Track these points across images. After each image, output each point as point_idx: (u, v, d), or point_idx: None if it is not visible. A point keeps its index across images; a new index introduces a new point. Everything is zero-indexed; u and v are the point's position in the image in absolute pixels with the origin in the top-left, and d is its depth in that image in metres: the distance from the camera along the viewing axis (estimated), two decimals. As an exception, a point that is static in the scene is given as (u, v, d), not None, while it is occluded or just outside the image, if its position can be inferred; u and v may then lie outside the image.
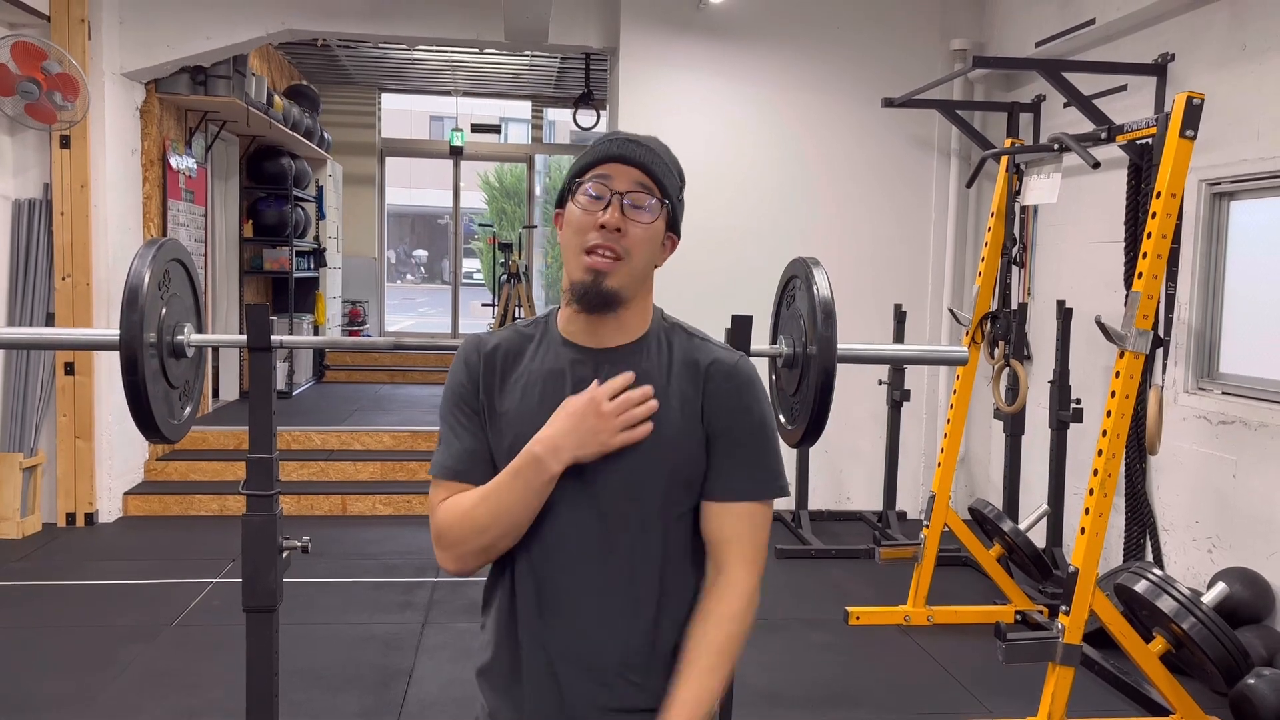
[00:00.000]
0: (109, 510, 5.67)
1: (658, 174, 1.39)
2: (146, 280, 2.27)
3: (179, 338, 2.44)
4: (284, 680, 2.65)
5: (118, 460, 5.70)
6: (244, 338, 2.42)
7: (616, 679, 1.39)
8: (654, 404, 1.36)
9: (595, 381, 1.37)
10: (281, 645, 2.57)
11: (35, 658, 3.79)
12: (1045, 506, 4.49)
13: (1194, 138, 3.05)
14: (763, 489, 1.42)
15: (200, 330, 2.56)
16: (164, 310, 2.37)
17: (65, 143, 5.36)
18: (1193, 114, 3.04)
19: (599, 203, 1.37)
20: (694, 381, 1.41)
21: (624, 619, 1.39)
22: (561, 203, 1.43)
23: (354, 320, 10.76)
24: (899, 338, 5.54)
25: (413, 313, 20.63)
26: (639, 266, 1.39)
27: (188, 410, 2.59)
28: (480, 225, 20.16)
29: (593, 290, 1.36)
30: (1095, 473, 3.13)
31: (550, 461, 1.33)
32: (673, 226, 1.44)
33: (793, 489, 5.83)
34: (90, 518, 5.57)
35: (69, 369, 5.47)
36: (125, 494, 5.81)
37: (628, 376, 1.37)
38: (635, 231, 1.37)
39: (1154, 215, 3.08)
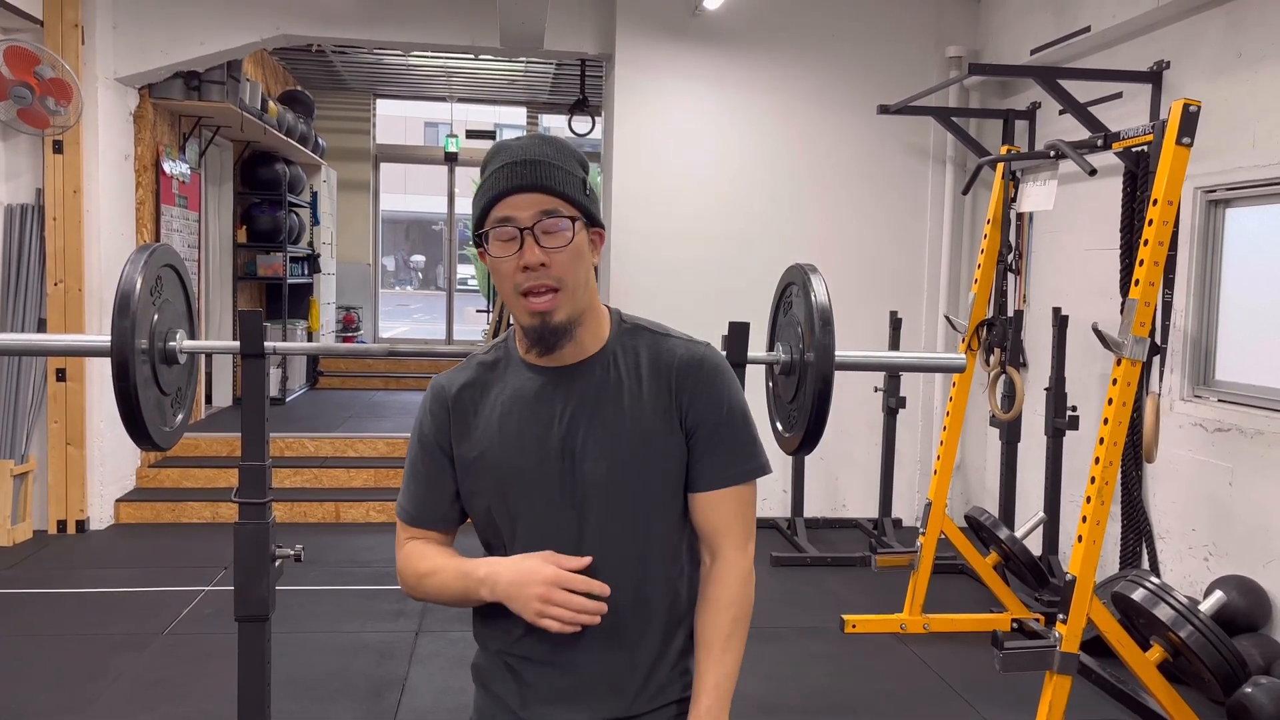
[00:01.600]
0: (100, 517, 5.63)
1: (558, 188, 1.35)
2: (138, 286, 2.25)
3: (171, 344, 2.42)
4: (276, 689, 2.63)
5: (109, 467, 5.67)
6: (237, 344, 2.40)
7: (605, 688, 1.43)
8: (595, 619, 1.35)
9: (584, 561, 1.37)
10: (274, 654, 2.55)
11: (25, 667, 3.75)
12: (1041, 514, 4.48)
13: (1190, 145, 3.05)
14: (745, 472, 1.45)
15: (193, 336, 2.54)
16: (156, 316, 2.35)
17: (58, 148, 5.33)
18: (1189, 121, 3.04)
19: (511, 244, 1.35)
20: (664, 380, 1.43)
21: (611, 626, 1.40)
22: (477, 241, 1.40)
23: (348, 326, 10.73)
24: (895, 345, 5.54)
25: (407, 319, 20.59)
26: (577, 286, 1.37)
27: (180, 417, 2.57)
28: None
29: (545, 331, 1.37)
30: (1093, 480, 3.12)
31: (483, 592, 1.39)
32: (593, 222, 1.40)
33: (788, 496, 5.82)
34: (82, 525, 5.53)
35: (60, 375, 5.43)
36: (117, 501, 5.77)
37: (602, 588, 1.36)
38: (559, 258, 1.35)
39: (1151, 222, 3.08)
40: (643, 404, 1.41)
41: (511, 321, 1.46)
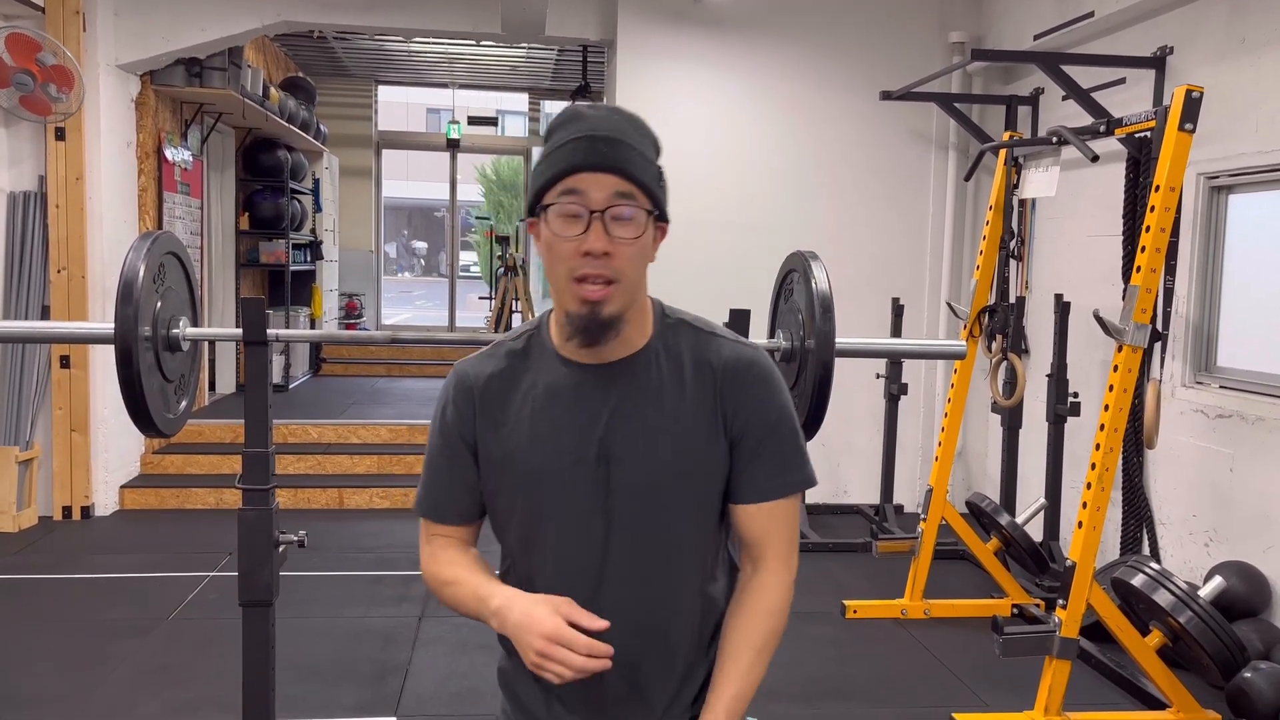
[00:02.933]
0: (105, 503, 5.66)
1: (635, 174, 1.25)
2: (141, 273, 2.26)
3: (174, 331, 2.42)
4: (280, 674, 2.65)
5: (114, 453, 5.69)
6: (239, 331, 2.41)
7: (633, 699, 1.37)
8: (596, 670, 1.22)
9: (600, 624, 1.24)
10: (278, 639, 2.57)
11: (30, 652, 3.78)
12: (1042, 500, 4.49)
13: (1193, 131, 3.04)
14: (792, 484, 1.37)
15: (196, 323, 2.55)
16: (159, 304, 2.36)
17: (60, 135, 5.34)
18: (1192, 107, 3.03)
19: (577, 223, 1.24)
20: (709, 383, 1.34)
21: (644, 633, 1.35)
22: (532, 211, 1.31)
23: (351, 313, 10.74)
24: (897, 331, 5.54)
25: (410, 305, 20.61)
26: (635, 283, 1.29)
27: (183, 404, 2.58)
28: (477, 218, 20.14)
29: (592, 323, 1.27)
30: (1093, 466, 3.13)
31: (493, 623, 1.32)
32: (660, 216, 1.31)
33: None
34: (86, 511, 5.56)
35: (64, 362, 5.45)
36: (121, 487, 5.79)
37: (605, 649, 1.23)
38: (625, 251, 1.25)
39: (1152, 209, 3.08)
40: (685, 406, 1.32)
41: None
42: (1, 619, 4.10)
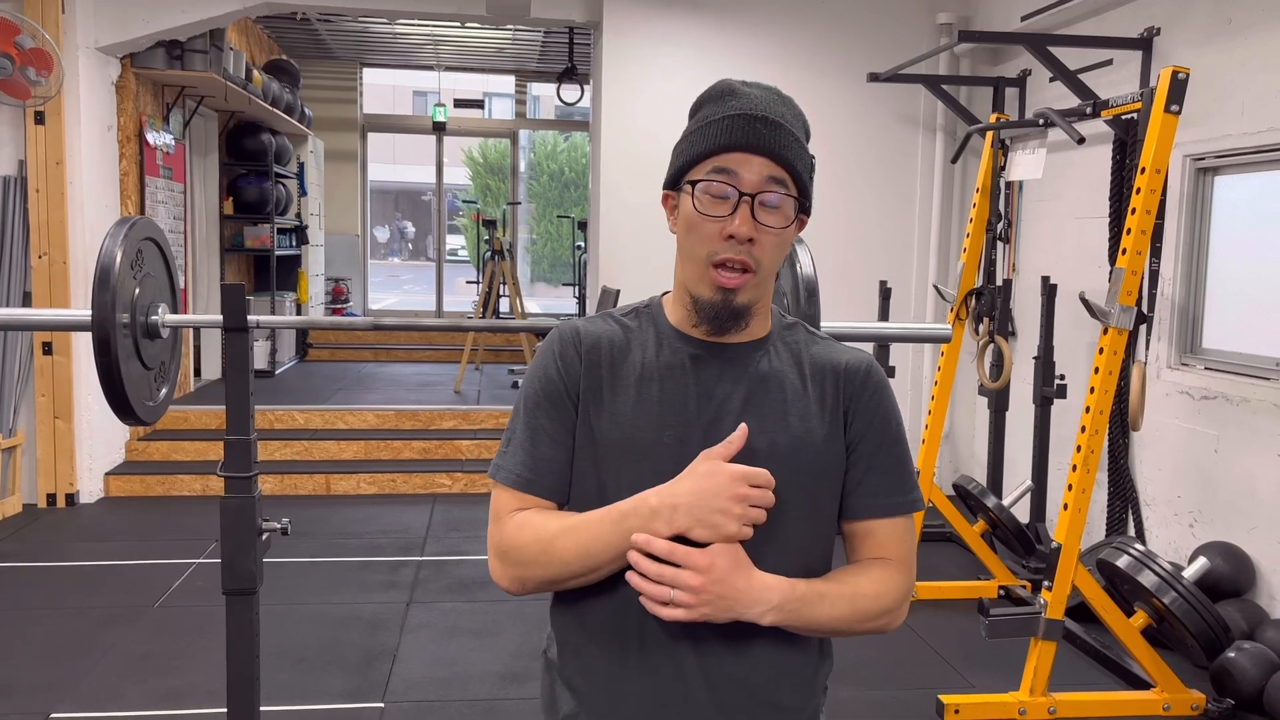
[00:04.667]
0: (90, 491, 5.62)
1: (790, 160, 1.21)
2: (118, 260, 2.23)
3: (153, 318, 2.40)
4: (267, 661, 2.64)
5: (98, 440, 5.65)
6: (220, 318, 2.38)
7: (715, 710, 1.23)
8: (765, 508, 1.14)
9: (742, 430, 1.16)
10: (264, 626, 2.55)
11: (15, 641, 3.76)
12: (1029, 482, 4.51)
13: (1179, 112, 3.04)
14: (907, 503, 1.29)
15: (176, 310, 2.52)
16: (137, 290, 2.34)
17: (40, 119, 5.28)
18: (1178, 89, 3.03)
19: (723, 204, 1.19)
20: (829, 382, 1.27)
21: (747, 660, 1.22)
22: (672, 184, 1.26)
23: (337, 298, 10.68)
24: (884, 314, 5.53)
25: (397, 290, 20.53)
26: (768, 274, 1.23)
27: (164, 391, 2.55)
28: (464, 201, 20.05)
29: (724, 309, 1.21)
30: (1078, 449, 3.14)
31: (658, 525, 1.14)
32: (805, 208, 1.26)
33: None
34: (71, 498, 5.53)
35: (47, 349, 5.41)
36: (106, 474, 5.76)
37: (766, 480, 1.14)
38: (768, 240, 1.20)
39: (1138, 191, 3.08)
40: (806, 400, 1.25)
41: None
42: (-14, 608, 4.09)
